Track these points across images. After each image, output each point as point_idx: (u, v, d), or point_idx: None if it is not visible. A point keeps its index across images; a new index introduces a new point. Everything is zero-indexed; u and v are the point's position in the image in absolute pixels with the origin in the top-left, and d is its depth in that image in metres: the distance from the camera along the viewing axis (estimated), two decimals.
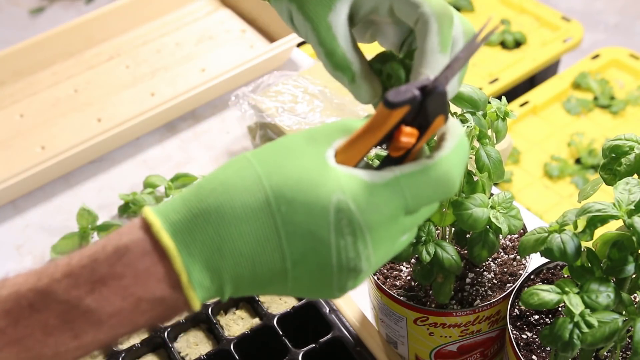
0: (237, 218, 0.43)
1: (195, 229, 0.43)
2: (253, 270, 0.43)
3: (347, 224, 0.42)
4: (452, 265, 0.65)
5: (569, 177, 1.81)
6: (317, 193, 0.42)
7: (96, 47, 1.36)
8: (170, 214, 0.44)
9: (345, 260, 0.43)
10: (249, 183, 0.43)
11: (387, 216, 0.43)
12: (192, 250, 0.43)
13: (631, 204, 0.55)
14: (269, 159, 0.44)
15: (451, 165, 0.43)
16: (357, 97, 0.53)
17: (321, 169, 0.43)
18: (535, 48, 2.10)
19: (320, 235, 0.42)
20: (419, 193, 0.43)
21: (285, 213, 0.42)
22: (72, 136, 1.18)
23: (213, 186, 0.44)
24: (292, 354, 0.77)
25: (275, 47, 1.22)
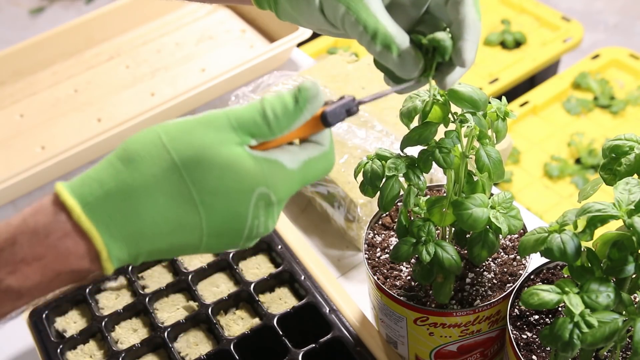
0: (158, 206, 0.46)
1: (114, 212, 0.46)
2: (170, 243, 0.48)
3: (264, 205, 0.48)
4: (452, 265, 0.65)
5: (569, 177, 1.81)
6: (241, 186, 0.47)
7: (96, 47, 1.36)
8: (87, 196, 0.46)
9: (255, 232, 0.49)
10: (167, 173, 0.46)
11: (293, 191, 0.50)
12: (112, 230, 0.46)
13: (631, 204, 0.55)
14: (188, 145, 0.47)
15: (333, 154, 0.52)
16: (402, 72, 0.54)
17: (243, 162, 0.47)
18: (535, 48, 2.10)
19: (240, 215, 0.47)
20: (316, 173, 0.51)
21: (209, 202, 0.46)
22: (72, 136, 1.18)
23: (131, 171, 0.47)
24: (292, 354, 0.77)
25: (275, 47, 1.22)
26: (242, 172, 0.47)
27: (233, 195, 0.47)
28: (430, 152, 0.64)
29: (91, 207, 0.46)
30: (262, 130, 0.48)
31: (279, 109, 0.48)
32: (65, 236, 0.46)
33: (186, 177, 0.46)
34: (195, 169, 0.46)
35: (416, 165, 0.65)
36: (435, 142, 0.64)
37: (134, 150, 0.47)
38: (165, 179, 0.46)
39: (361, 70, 1.13)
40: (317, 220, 1.04)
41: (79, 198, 0.47)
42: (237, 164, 0.47)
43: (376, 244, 0.76)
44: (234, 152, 0.47)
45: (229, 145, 0.47)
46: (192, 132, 0.47)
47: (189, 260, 0.90)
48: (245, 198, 0.47)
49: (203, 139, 0.47)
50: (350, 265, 0.98)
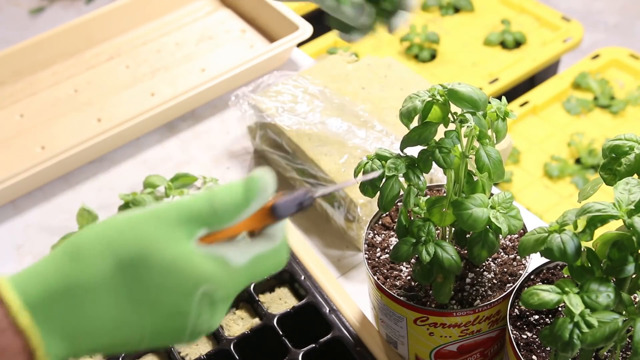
0: (100, 304, 0.45)
1: (55, 309, 0.45)
2: (112, 340, 0.46)
3: (209, 303, 0.47)
4: (452, 265, 0.65)
5: (569, 177, 1.81)
6: (184, 284, 0.45)
7: (96, 47, 1.36)
8: (28, 290, 0.45)
9: (199, 330, 0.48)
10: (112, 270, 0.45)
11: (240, 289, 0.49)
12: (51, 326, 0.45)
13: (631, 204, 0.55)
14: (133, 243, 0.46)
15: (286, 249, 0.52)
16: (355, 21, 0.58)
17: (188, 259, 0.46)
18: (535, 48, 2.10)
19: (183, 313, 0.46)
20: (265, 269, 0.50)
21: (152, 300, 0.45)
22: (72, 136, 1.18)
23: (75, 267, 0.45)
24: (292, 354, 0.77)
25: (275, 47, 1.22)
26: (186, 270, 0.46)
27: (176, 294, 0.46)
28: (430, 152, 0.64)
29: (32, 303, 0.45)
30: (211, 221, 0.47)
31: (228, 199, 0.47)
32: (1, 332, 0.44)
33: (130, 274, 0.45)
34: (139, 267, 0.45)
35: (416, 166, 0.65)
36: (435, 142, 0.64)
37: (79, 245, 0.46)
38: (108, 277, 0.45)
39: (361, 70, 1.13)
40: (317, 220, 1.04)
41: (20, 293, 0.45)
42: (182, 263, 0.46)
43: (376, 244, 0.77)
44: (179, 250, 0.46)
45: (176, 242, 0.46)
46: (139, 228, 0.46)
47: None
48: (188, 297, 0.46)
49: (149, 236, 0.46)
50: (350, 265, 0.98)
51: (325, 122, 1.03)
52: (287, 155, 1.05)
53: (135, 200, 1.03)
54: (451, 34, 2.21)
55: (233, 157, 1.15)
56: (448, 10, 2.28)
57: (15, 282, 0.45)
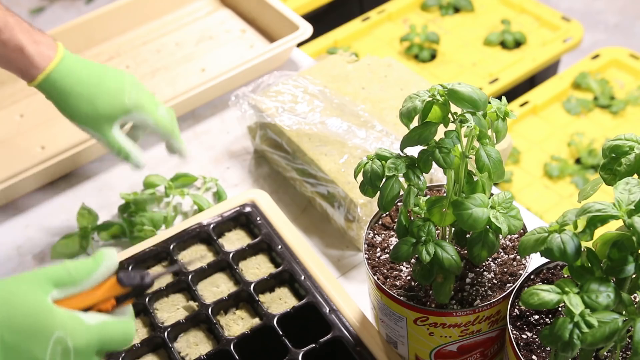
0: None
1: None
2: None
3: (62, 351, 0.53)
4: (452, 265, 0.65)
5: (569, 177, 1.81)
6: (41, 328, 0.52)
7: (96, 47, 1.36)
8: None
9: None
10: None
11: (92, 348, 0.55)
12: None
13: (631, 204, 0.55)
14: None
15: (132, 327, 0.60)
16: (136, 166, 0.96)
17: (45, 308, 0.53)
18: (535, 48, 2.10)
19: (38, 357, 0.52)
20: (114, 335, 0.57)
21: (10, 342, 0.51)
22: (72, 136, 1.18)
23: None
24: (292, 354, 0.77)
25: (275, 47, 1.22)
26: (42, 314, 0.52)
27: (32, 337, 0.51)
28: (430, 152, 0.64)
29: None
30: (64, 279, 0.55)
31: (80, 264, 0.56)
32: None
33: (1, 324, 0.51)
34: (6, 317, 0.51)
35: (416, 165, 0.65)
36: (435, 142, 0.64)
37: None
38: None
39: (361, 70, 1.13)
40: (317, 220, 1.04)
41: None
42: (39, 308, 0.52)
43: (376, 244, 0.77)
44: (37, 300, 0.53)
45: (34, 295, 0.53)
46: (4, 284, 0.53)
47: None
48: (44, 340, 0.52)
49: (11, 291, 0.52)
50: (350, 265, 0.98)
51: (325, 122, 1.03)
52: (287, 155, 1.05)
53: (135, 200, 1.03)
54: (451, 34, 2.21)
55: (233, 157, 1.15)
56: (448, 10, 2.29)
57: None
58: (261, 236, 0.90)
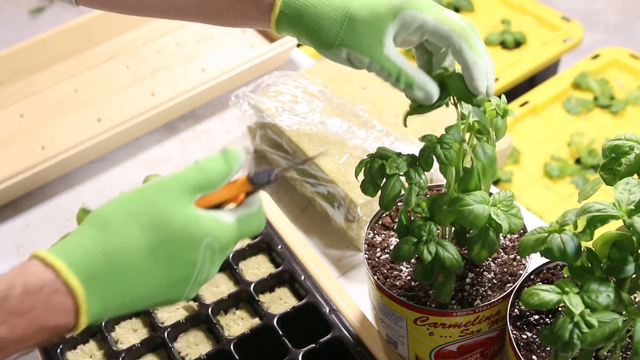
0: (132, 263, 0.55)
1: (97, 272, 0.53)
2: (135, 295, 0.56)
3: (210, 253, 0.58)
4: (454, 265, 0.65)
5: (569, 177, 1.81)
6: (194, 238, 0.56)
7: (96, 47, 1.36)
8: (70, 257, 0.53)
9: (200, 277, 0.58)
10: (139, 235, 0.55)
11: (232, 243, 0.60)
12: (94, 289, 0.53)
13: (631, 204, 0.55)
14: (150, 211, 0.56)
15: (263, 215, 0.62)
16: (424, 102, 0.65)
17: (194, 218, 0.57)
18: (535, 48, 2.10)
19: (192, 263, 0.57)
20: (250, 228, 0.61)
21: (171, 254, 0.56)
22: (72, 136, 1.18)
23: (108, 236, 0.55)
24: (292, 354, 0.77)
25: (275, 47, 1.22)
26: (194, 227, 0.56)
27: (188, 246, 0.56)
28: (431, 148, 0.64)
29: (75, 267, 0.53)
30: (203, 184, 0.58)
31: (214, 166, 0.59)
32: (54, 292, 0.52)
33: (153, 235, 0.55)
34: (158, 228, 0.55)
35: (417, 164, 0.65)
36: (436, 138, 0.64)
37: (104, 218, 0.56)
38: (136, 239, 0.55)
39: (361, 70, 1.13)
40: (317, 220, 1.04)
41: (65, 259, 0.53)
42: (190, 222, 0.56)
43: (376, 244, 0.76)
44: (186, 212, 0.56)
45: (182, 207, 0.56)
46: (150, 199, 0.57)
47: None
48: (197, 247, 0.56)
49: (160, 203, 0.56)
50: (350, 265, 0.98)
51: (325, 122, 1.03)
52: (287, 155, 1.05)
53: None
54: None
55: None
56: None
57: (57, 252, 0.53)
58: (261, 236, 0.90)
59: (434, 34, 0.64)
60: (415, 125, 1.02)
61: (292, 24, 0.67)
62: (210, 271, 0.60)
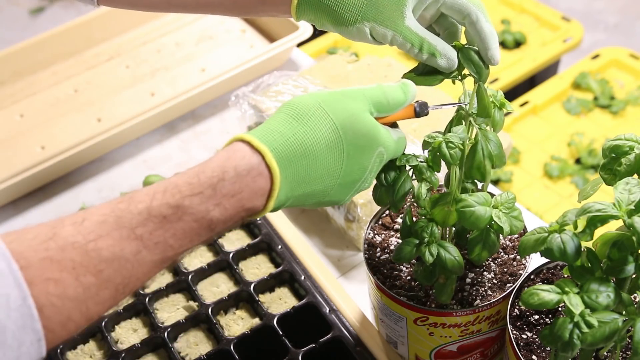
0: (322, 156, 0.60)
1: (293, 159, 0.58)
2: (314, 188, 0.61)
3: (378, 162, 0.64)
4: (455, 266, 0.65)
5: (569, 177, 1.81)
6: (372, 144, 0.62)
7: (96, 47, 1.36)
8: (272, 143, 0.58)
9: (363, 185, 0.64)
10: (330, 131, 0.60)
11: (392, 157, 0.65)
12: (287, 175, 0.58)
13: (631, 204, 0.55)
14: (340, 112, 0.61)
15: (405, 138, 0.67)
16: (445, 68, 0.68)
17: (375, 127, 0.62)
18: (535, 48, 2.10)
19: (364, 167, 0.63)
20: (401, 148, 0.66)
21: (352, 154, 0.61)
22: (72, 136, 1.18)
23: (305, 128, 0.59)
24: (292, 354, 0.77)
25: (275, 47, 1.22)
26: (374, 133, 0.62)
27: (366, 150, 0.62)
28: (437, 147, 0.64)
29: (277, 153, 0.57)
30: (384, 106, 0.63)
31: (395, 94, 0.64)
32: (259, 175, 0.57)
33: (341, 134, 0.60)
34: (347, 129, 0.60)
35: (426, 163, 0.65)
36: (442, 137, 0.64)
37: (302, 110, 0.60)
38: (327, 135, 0.60)
39: (361, 70, 1.13)
40: (317, 220, 1.04)
41: (267, 145, 0.57)
42: (373, 128, 0.62)
43: (376, 244, 0.77)
44: (370, 119, 0.62)
45: (367, 113, 0.62)
46: (342, 102, 0.61)
47: (189, 260, 0.90)
48: (372, 153, 0.62)
49: (350, 106, 0.61)
50: (350, 265, 0.98)
51: None
52: None
53: None
54: None
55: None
56: None
57: (260, 137, 0.58)
58: (261, 236, 0.90)
59: (452, 6, 0.68)
60: (415, 125, 1.02)
61: (313, 5, 0.69)
62: (371, 180, 0.65)
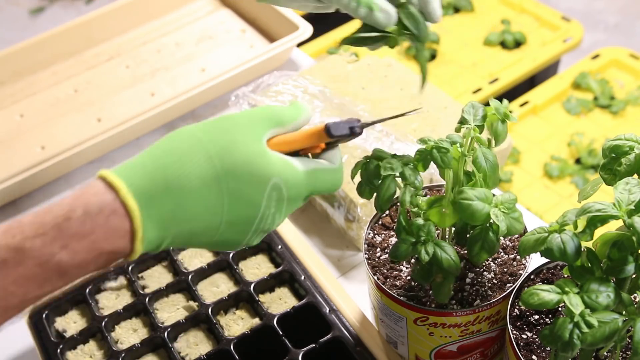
0: (193, 190, 0.53)
1: (155, 195, 0.52)
2: (192, 228, 0.54)
3: (277, 197, 0.55)
4: (451, 266, 0.65)
5: (569, 177, 1.81)
6: (260, 174, 0.54)
7: (96, 47, 1.36)
8: (131, 178, 0.52)
9: (263, 224, 0.56)
10: (203, 162, 0.53)
11: (302, 195, 0.57)
12: (152, 214, 0.52)
13: (631, 204, 0.55)
14: (219, 139, 0.54)
15: (342, 173, 0.60)
16: (385, 23, 0.63)
17: (263, 155, 0.55)
18: (535, 48, 2.10)
19: (256, 203, 0.54)
20: (324, 184, 0.58)
21: (233, 188, 0.54)
22: (72, 136, 1.18)
23: (172, 159, 0.53)
24: (292, 354, 0.77)
25: (275, 47, 1.22)
26: (261, 163, 0.54)
27: (253, 183, 0.54)
28: (428, 151, 0.64)
29: (135, 188, 0.51)
30: (274, 119, 0.57)
31: (286, 110, 0.58)
32: (113, 214, 0.51)
33: (218, 165, 0.53)
34: (225, 159, 0.54)
35: (413, 165, 0.65)
36: (434, 141, 0.64)
37: (174, 141, 0.54)
38: (200, 166, 0.53)
39: (361, 70, 1.13)
40: (317, 220, 1.04)
41: (125, 180, 0.52)
42: (257, 157, 0.54)
43: (376, 244, 0.77)
44: (255, 147, 0.55)
45: (251, 139, 0.55)
46: (221, 129, 0.55)
47: (189, 260, 0.90)
48: (262, 186, 0.54)
49: (230, 133, 0.55)
50: (350, 265, 0.98)
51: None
52: None
53: None
54: (451, 34, 2.21)
55: None
56: (448, 10, 2.28)
57: (119, 173, 0.52)
58: None
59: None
60: (415, 125, 1.02)
61: None
62: (275, 219, 0.57)
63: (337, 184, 0.59)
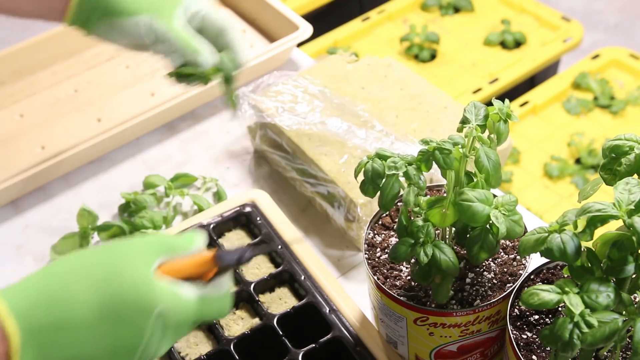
0: (75, 315, 0.52)
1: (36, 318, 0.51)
2: (75, 354, 0.53)
3: (162, 326, 0.55)
4: (449, 267, 0.65)
5: (569, 177, 1.81)
6: (145, 301, 0.54)
7: (96, 47, 1.36)
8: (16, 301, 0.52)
9: (148, 351, 0.55)
10: (89, 286, 0.53)
11: (189, 321, 0.57)
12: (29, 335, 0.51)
13: (631, 204, 0.55)
14: (108, 263, 0.55)
15: (228, 300, 0.60)
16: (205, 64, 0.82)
17: (150, 282, 0.54)
18: (535, 48, 2.10)
19: (140, 330, 0.53)
20: (211, 310, 0.58)
21: (118, 314, 0.53)
22: (72, 136, 1.18)
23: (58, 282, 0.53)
24: (292, 354, 0.77)
25: (275, 47, 1.22)
26: (145, 290, 0.54)
27: (137, 311, 0.53)
28: (430, 152, 0.64)
29: (16, 311, 0.51)
30: (165, 245, 0.57)
31: (176, 236, 0.59)
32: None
33: (102, 290, 0.53)
34: (109, 284, 0.53)
35: (416, 165, 0.65)
36: (436, 142, 0.64)
37: (58, 265, 0.54)
38: (82, 291, 0.53)
39: (361, 70, 1.13)
40: (317, 220, 1.04)
41: (8, 301, 0.51)
42: (142, 283, 0.54)
43: (376, 244, 0.77)
44: (141, 273, 0.54)
45: (138, 266, 0.55)
46: (108, 255, 0.55)
47: None
48: (146, 314, 0.53)
49: (116, 260, 0.55)
50: (350, 265, 0.98)
51: (325, 122, 1.03)
52: (287, 155, 1.05)
53: (136, 200, 1.03)
54: (451, 34, 2.21)
55: (233, 157, 1.15)
56: (448, 10, 2.29)
57: (4, 292, 0.52)
58: (261, 236, 0.90)
59: (210, 19, 0.82)
60: (415, 125, 1.02)
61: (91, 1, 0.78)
62: (160, 347, 0.56)
63: (224, 311, 0.60)
